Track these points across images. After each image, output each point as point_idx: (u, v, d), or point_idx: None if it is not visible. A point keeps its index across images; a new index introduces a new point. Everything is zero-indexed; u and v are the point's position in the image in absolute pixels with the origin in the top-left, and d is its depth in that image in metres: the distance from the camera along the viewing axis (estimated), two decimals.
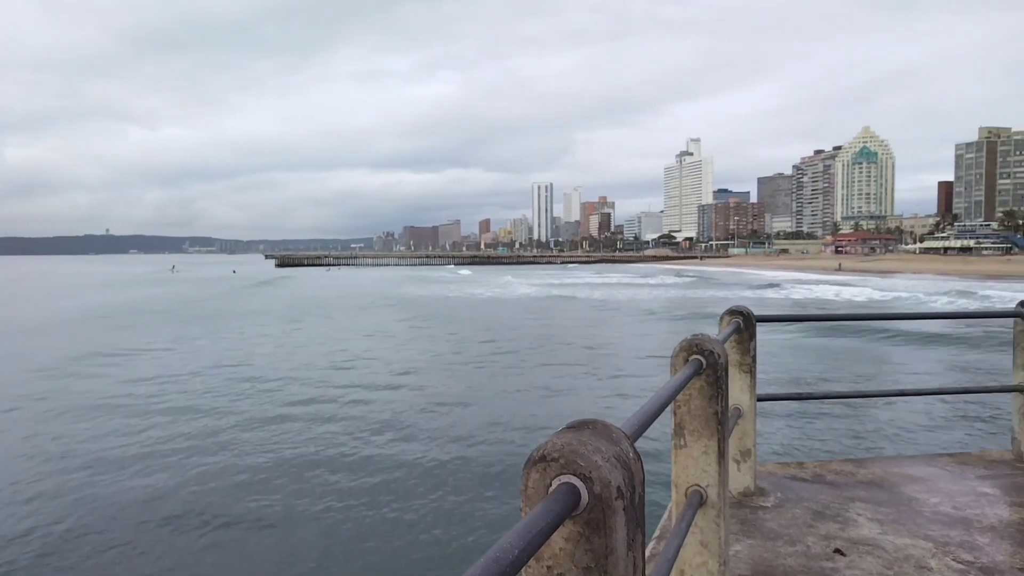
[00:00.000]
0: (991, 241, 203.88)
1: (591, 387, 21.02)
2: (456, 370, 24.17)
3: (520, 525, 1.15)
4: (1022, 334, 5.73)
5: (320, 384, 21.51)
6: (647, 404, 2.06)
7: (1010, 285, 74.06)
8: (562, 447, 1.35)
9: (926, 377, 22.26)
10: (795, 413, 16.02)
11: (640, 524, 1.47)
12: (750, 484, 4.80)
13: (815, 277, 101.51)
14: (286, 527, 10.54)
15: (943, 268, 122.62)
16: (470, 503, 11.34)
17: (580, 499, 1.31)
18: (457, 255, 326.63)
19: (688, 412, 2.93)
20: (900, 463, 5.76)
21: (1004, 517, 4.52)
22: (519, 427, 15.96)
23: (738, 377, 4.57)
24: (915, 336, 31.05)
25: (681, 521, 2.65)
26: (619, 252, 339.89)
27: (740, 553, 3.87)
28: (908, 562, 3.80)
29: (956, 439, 14.33)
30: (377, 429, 15.94)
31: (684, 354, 2.99)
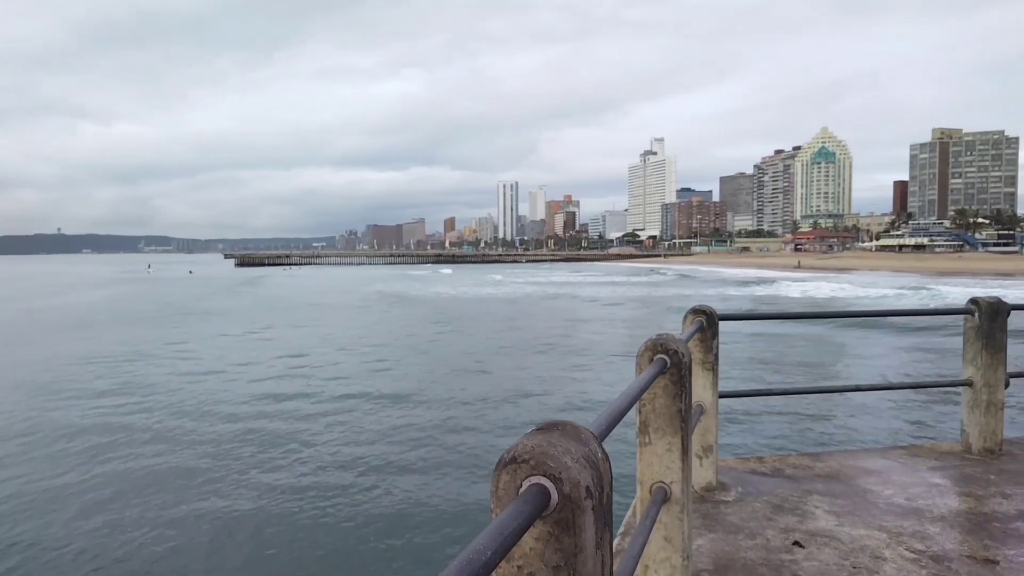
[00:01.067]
0: (944, 239, 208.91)
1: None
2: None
3: (492, 526, 1.17)
4: (971, 330, 5.92)
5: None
6: (614, 404, 2.11)
7: (962, 281, 76.17)
8: (532, 449, 1.38)
9: (885, 371, 22.79)
10: (756, 409, 16.28)
11: (608, 522, 1.51)
12: (712, 479, 4.89)
13: (794, 275, 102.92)
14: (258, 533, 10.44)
15: (898, 265, 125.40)
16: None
17: (550, 499, 1.34)
18: (422, 254, 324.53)
19: (653, 410, 2.99)
20: (856, 456, 5.92)
21: (953, 507, 4.68)
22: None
23: (701, 375, 4.66)
24: (874, 331, 31.82)
25: (646, 518, 2.71)
26: (584, 251, 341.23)
27: (703, 547, 3.95)
28: (864, 552, 3.92)
29: (909, 432, 14.72)
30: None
31: (649, 353, 3.05)
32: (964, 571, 3.69)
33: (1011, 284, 68.29)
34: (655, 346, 3.04)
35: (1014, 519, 4.43)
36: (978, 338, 5.87)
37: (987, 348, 5.83)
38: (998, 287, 60.53)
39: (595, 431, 1.66)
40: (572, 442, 1.45)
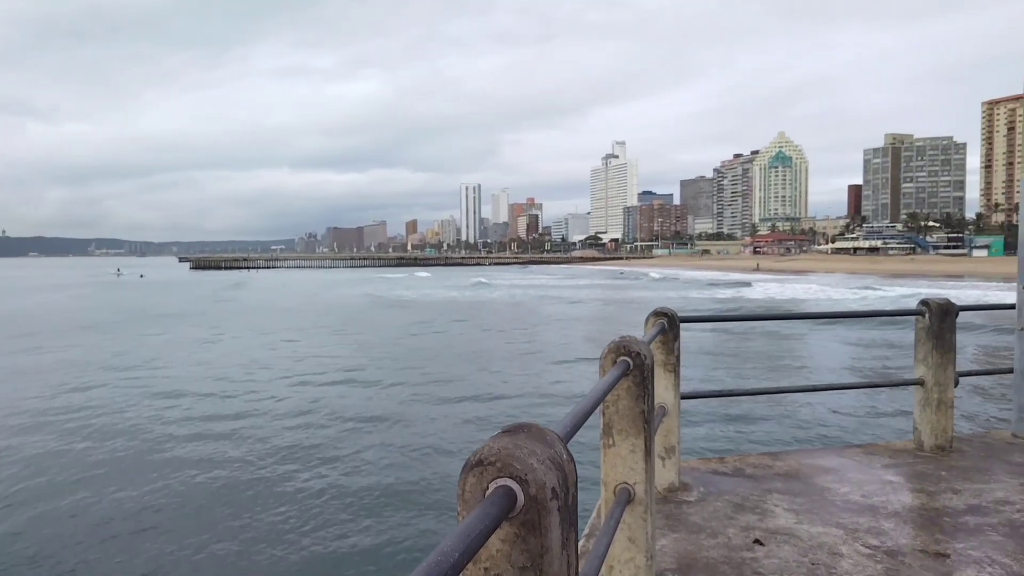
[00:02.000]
0: (896, 242, 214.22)
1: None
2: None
3: (459, 529, 1.18)
4: (923, 331, 6.09)
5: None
6: (579, 406, 2.13)
7: (914, 282, 78.28)
8: (498, 451, 1.39)
9: (841, 370, 23.28)
10: (718, 409, 16.50)
11: (573, 523, 1.53)
12: (675, 480, 4.95)
13: (768, 276, 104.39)
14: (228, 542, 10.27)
15: (853, 267, 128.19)
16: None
17: (516, 501, 1.35)
18: (383, 257, 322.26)
19: (616, 412, 3.03)
20: (813, 455, 6.04)
21: (907, 503, 4.80)
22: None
23: (663, 376, 4.71)
24: (832, 331, 32.52)
25: (610, 518, 2.74)
26: (547, 254, 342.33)
27: (666, 547, 4.00)
28: (821, 549, 4.01)
29: (865, 430, 15.06)
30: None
31: (612, 356, 3.08)
32: (917, 565, 3.79)
33: (961, 285, 70.33)
34: (618, 348, 3.08)
35: (963, 514, 4.57)
36: (929, 338, 6.03)
37: (937, 348, 6.00)
38: (952, 288, 62.51)
39: (560, 433, 1.68)
40: (538, 444, 1.46)
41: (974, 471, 5.48)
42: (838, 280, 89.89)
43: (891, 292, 62.05)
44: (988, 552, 3.95)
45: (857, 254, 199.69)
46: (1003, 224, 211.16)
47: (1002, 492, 4.97)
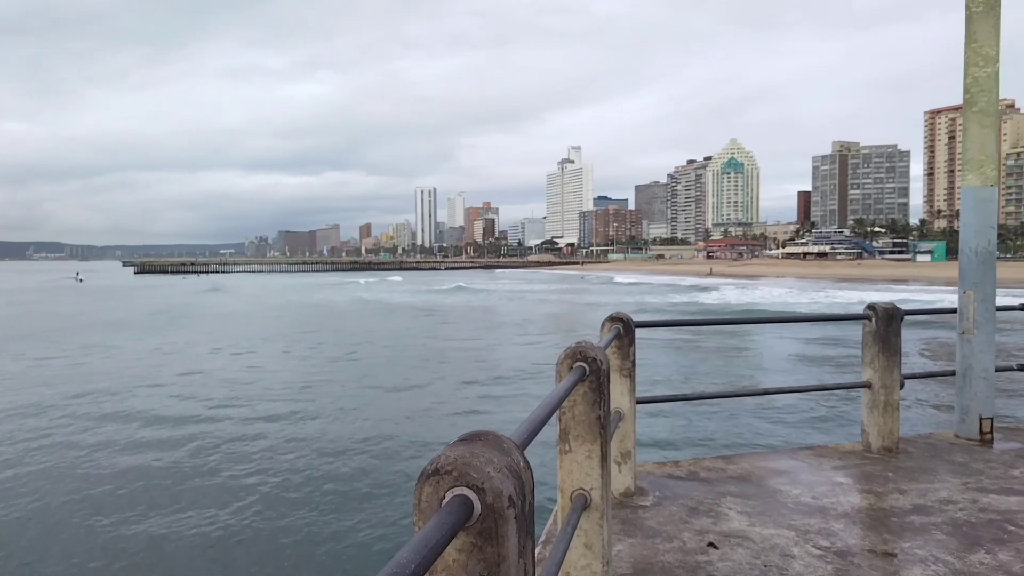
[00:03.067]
0: (844, 247, 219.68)
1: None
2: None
3: (415, 540, 1.16)
4: (870, 335, 6.24)
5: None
6: (535, 412, 2.12)
7: (861, 286, 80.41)
8: (455, 460, 1.38)
9: (793, 373, 23.75)
10: (673, 414, 16.69)
11: (530, 531, 1.52)
12: (630, 484, 4.98)
13: (732, 281, 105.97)
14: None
15: (803, 272, 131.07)
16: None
17: (473, 510, 1.34)
18: (337, 261, 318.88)
19: (573, 418, 3.03)
20: (766, 458, 6.13)
21: (855, 504, 4.91)
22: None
23: (619, 381, 4.73)
24: (785, 334, 33.17)
25: (567, 525, 2.73)
26: (504, 258, 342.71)
27: (622, 552, 4.02)
28: (774, 551, 4.07)
29: (816, 433, 15.38)
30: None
31: (569, 361, 3.08)
32: (865, 565, 3.87)
33: (905, 289, 72.44)
34: (574, 354, 3.08)
35: (910, 513, 4.68)
36: (875, 342, 6.18)
37: (884, 351, 6.15)
38: (902, 292, 64.43)
39: (517, 440, 1.67)
40: (494, 452, 1.45)
41: (919, 471, 5.62)
42: (792, 284, 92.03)
43: (848, 297, 63.60)
44: (933, 551, 4.06)
45: (807, 259, 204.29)
46: (945, 230, 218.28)
47: (946, 492, 5.12)
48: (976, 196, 6.54)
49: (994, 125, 6.51)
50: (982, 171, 6.50)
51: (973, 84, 6.47)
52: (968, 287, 6.57)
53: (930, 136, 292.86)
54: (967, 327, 6.57)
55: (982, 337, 6.51)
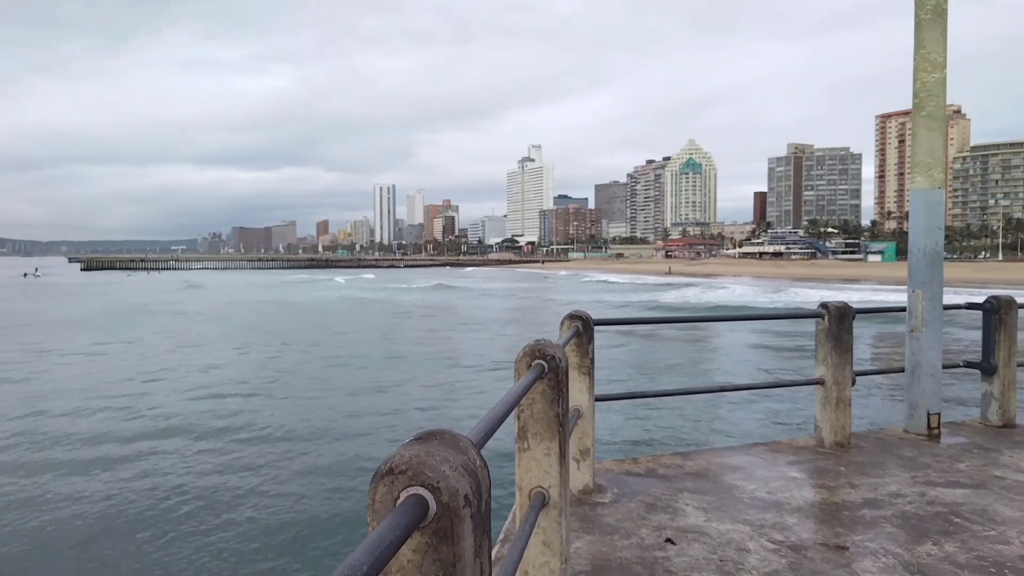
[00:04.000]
0: (799, 247, 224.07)
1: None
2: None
3: (368, 541, 1.15)
4: (823, 332, 6.36)
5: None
6: (493, 411, 2.11)
7: (820, 285, 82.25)
8: (410, 459, 1.36)
9: (750, 369, 24.12)
10: (632, 411, 16.82)
11: (487, 530, 1.51)
12: (589, 482, 5.00)
13: (697, 280, 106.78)
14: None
15: (759, 271, 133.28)
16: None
17: (428, 510, 1.33)
18: (293, 258, 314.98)
19: (531, 416, 3.02)
20: (722, 454, 6.22)
21: (809, 498, 5.00)
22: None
23: (578, 379, 4.75)
24: (742, 332, 33.69)
25: (525, 523, 2.73)
26: (464, 256, 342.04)
27: (580, 549, 4.03)
28: (730, 546, 4.12)
29: (771, 428, 15.65)
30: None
31: (527, 359, 3.08)
32: (818, 558, 3.95)
33: (863, 289, 74.22)
34: (533, 351, 3.08)
35: (861, 507, 4.78)
36: (828, 340, 6.31)
37: (836, 349, 6.27)
38: (861, 291, 66.01)
39: (474, 439, 1.66)
40: (450, 451, 1.44)
41: (870, 466, 5.75)
42: (755, 283, 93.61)
43: (809, 295, 64.90)
44: (883, 543, 4.15)
45: (762, 258, 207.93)
46: (895, 231, 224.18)
47: (895, 485, 5.24)
48: (924, 198, 6.70)
49: (942, 129, 6.68)
50: (930, 174, 6.67)
51: (922, 89, 6.63)
52: (917, 286, 6.74)
53: (881, 139, 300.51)
54: (916, 325, 6.74)
55: (930, 335, 6.68)
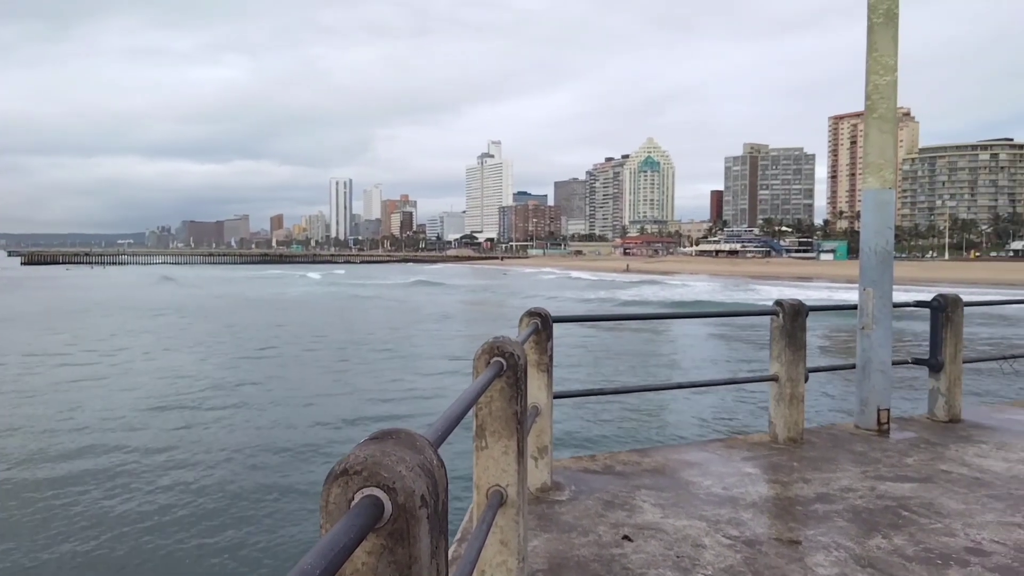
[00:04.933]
0: (754, 245, 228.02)
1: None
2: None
3: (320, 544, 1.12)
4: (777, 330, 6.46)
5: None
6: (450, 409, 2.09)
7: (780, 283, 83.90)
8: (365, 459, 1.33)
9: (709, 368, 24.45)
10: (590, 408, 16.92)
11: (443, 530, 1.48)
12: (547, 480, 4.99)
13: (669, 279, 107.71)
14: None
15: (715, 269, 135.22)
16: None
17: (384, 511, 1.30)
18: (246, 253, 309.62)
19: (489, 414, 3.00)
20: (679, 450, 6.27)
21: (763, 494, 5.07)
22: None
23: (536, 376, 4.74)
24: (698, 329, 34.14)
25: (482, 522, 2.71)
26: (422, 252, 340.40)
27: (538, 548, 4.02)
28: (686, 542, 4.15)
29: (728, 424, 15.89)
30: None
31: (486, 356, 3.05)
32: (772, 553, 4.00)
33: (817, 286, 75.83)
34: (492, 349, 3.06)
35: (813, 502, 4.87)
36: (782, 337, 6.40)
37: (790, 346, 6.38)
38: (819, 289, 67.40)
39: (431, 438, 1.63)
40: (407, 450, 1.41)
41: (822, 461, 5.86)
42: (718, 281, 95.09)
43: (770, 292, 66.23)
44: (835, 537, 4.23)
45: (718, 256, 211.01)
46: (847, 230, 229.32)
47: (847, 480, 5.34)
48: (875, 198, 6.85)
49: (892, 131, 6.83)
50: (881, 174, 6.81)
51: (874, 91, 6.77)
52: (867, 284, 6.88)
53: (834, 140, 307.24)
54: (866, 323, 6.88)
55: (880, 332, 6.83)
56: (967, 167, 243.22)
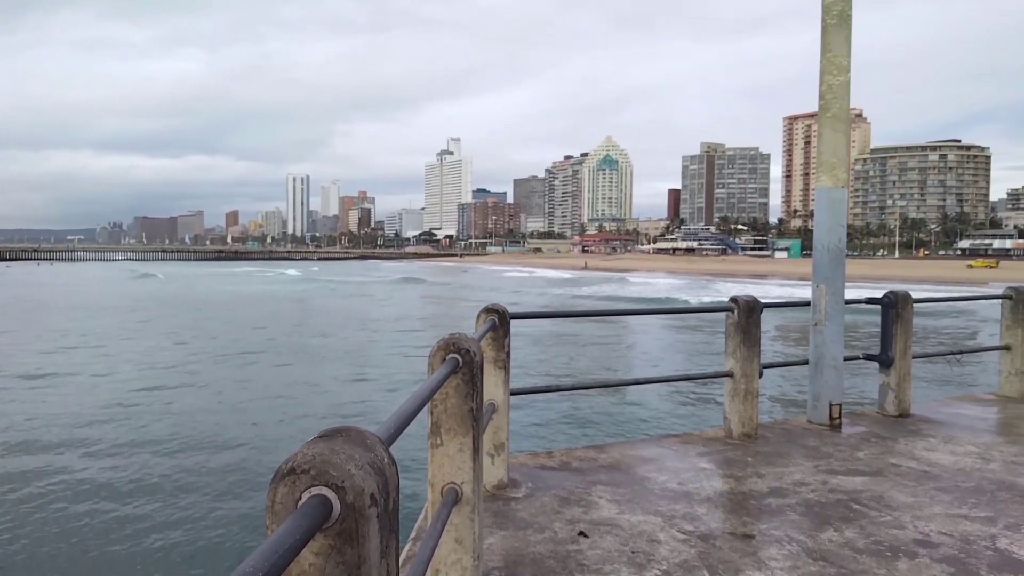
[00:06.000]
0: (710, 243, 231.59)
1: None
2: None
3: (265, 544, 1.09)
4: (732, 326, 6.54)
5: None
6: (403, 406, 2.06)
7: (730, 281, 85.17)
8: (313, 458, 1.30)
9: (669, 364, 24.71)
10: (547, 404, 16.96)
11: (394, 530, 1.46)
12: (503, 477, 4.98)
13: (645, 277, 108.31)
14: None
15: (672, 267, 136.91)
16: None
17: (332, 510, 1.27)
18: (200, 249, 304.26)
19: (444, 411, 2.97)
20: (635, 446, 6.31)
21: (718, 488, 5.13)
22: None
23: (493, 373, 4.71)
24: (657, 325, 34.49)
25: (437, 520, 2.68)
26: (380, 249, 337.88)
27: (493, 545, 4.00)
28: (641, 537, 4.17)
29: (684, 420, 16.07)
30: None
31: (441, 353, 3.02)
32: (726, 547, 4.04)
33: (771, 283, 77.27)
34: (447, 345, 3.03)
35: (766, 496, 4.94)
36: (737, 333, 6.48)
37: (745, 342, 6.46)
38: (782, 287, 68.59)
39: (382, 435, 1.60)
40: (357, 448, 1.39)
41: (776, 456, 5.95)
42: (674, 278, 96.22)
43: (731, 290, 67.31)
44: (787, 531, 4.29)
45: (676, 254, 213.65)
46: (800, 229, 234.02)
47: (799, 474, 5.43)
48: (828, 196, 6.97)
49: (845, 130, 6.97)
50: (834, 173, 6.94)
51: (828, 91, 6.89)
52: (820, 281, 7.00)
53: (788, 140, 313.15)
54: (819, 319, 7.00)
55: (832, 328, 6.96)
56: (917, 167, 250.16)
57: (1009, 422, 7.48)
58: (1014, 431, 7.09)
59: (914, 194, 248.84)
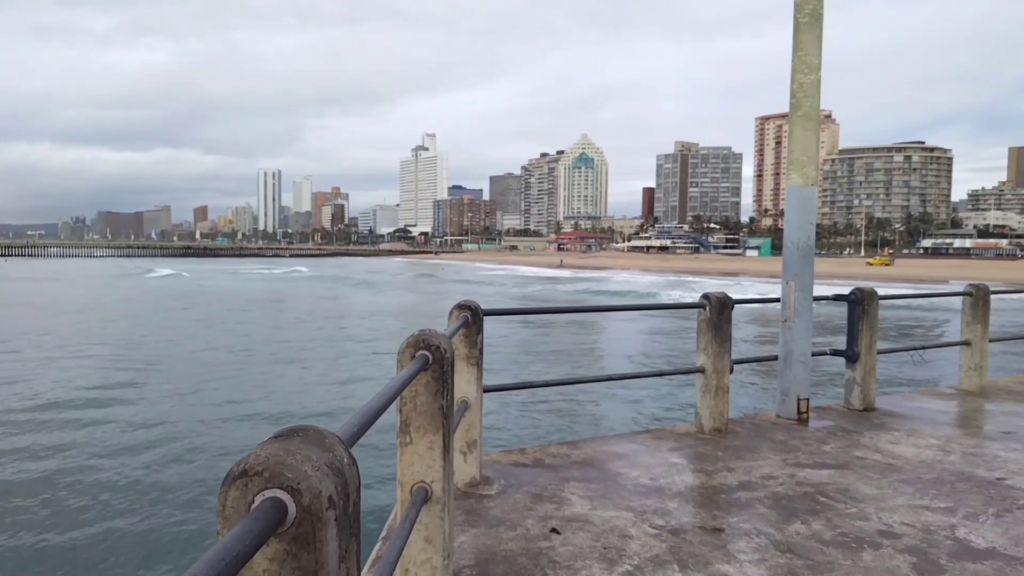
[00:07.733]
0: (684, 241, 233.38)
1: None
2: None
3: (214, 550, 1.04)
4: (704, 323, 6.57)
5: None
6: (367, 404, 2.01)
7: (705, 277, 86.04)
8: (266, 459, 1.26)
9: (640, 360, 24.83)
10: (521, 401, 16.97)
11: (355, 532, 1.42)
12: (476, 474, 4.95)
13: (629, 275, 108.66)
14: None
15: (647, 264, 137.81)
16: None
17: (287, 514, 1.23)
18: (167, 245, 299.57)
19: (414, 408, 2.93)
20: (608, 442, 6.32)
21: (689, 483, 5.15)
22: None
23: (465, 370, 4.68)
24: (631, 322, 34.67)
25: (405, 520, 2.64)
26: (354, 246, 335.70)
27: (465, 543, 3.97)
28: (613, 533, 4.17)
29: (657, 415, 16.15)
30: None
31: (411, 350, 2.98)
32: (696, 541, 4.05)
33: (742, 281, 78.04)
34: (417, 342, 2.99)
35: (736, 490, 4.97)
36: (708, 329, 6.52)
37: (716, 338, 6.50)
38: (753, 283, 69.28)
39: (343, 435, 1.56)
40: (314, 448, 1.34)
41: (745, 450, 5.99)
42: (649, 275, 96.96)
43: (707, 286, 68.02)
44: (756, 524, 4.32)
45: (650, 252, 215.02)
46: (771, 227, 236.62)
47: (768, 468, 5.47)
48: (799, 194, 7.03)
49: (815, 129, 7.02)
50: (804, 171, 6.99)
51: (799, 90, 6.94)
52: (790, 278, 7.06)
53: (760, 140, 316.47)
54: (789, 315, 7.06)
55: (801, 324, 7.02)
56: (883, 168, 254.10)
57: (968, 415, 7.64)
58: (972, 424, 7.26)
59: (880, 194, 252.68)
